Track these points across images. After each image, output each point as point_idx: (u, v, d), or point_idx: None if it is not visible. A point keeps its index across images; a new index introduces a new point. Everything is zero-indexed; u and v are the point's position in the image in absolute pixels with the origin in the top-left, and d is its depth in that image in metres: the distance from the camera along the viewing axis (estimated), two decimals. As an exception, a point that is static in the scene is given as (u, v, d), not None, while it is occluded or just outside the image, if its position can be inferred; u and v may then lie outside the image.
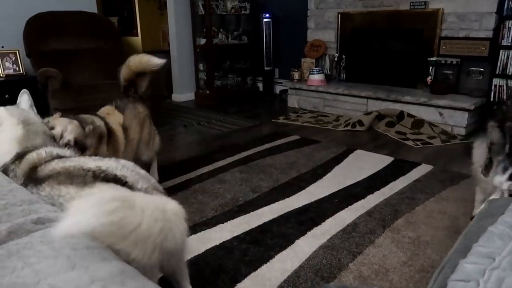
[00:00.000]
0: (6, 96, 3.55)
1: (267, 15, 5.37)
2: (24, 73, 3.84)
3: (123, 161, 1.29)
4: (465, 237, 0.80)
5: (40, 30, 3.93)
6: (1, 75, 3.73)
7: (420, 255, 1.81)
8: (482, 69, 3.75)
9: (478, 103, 3.62)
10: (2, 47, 3.77)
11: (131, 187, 1.15)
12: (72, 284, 0.77)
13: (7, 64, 3.77)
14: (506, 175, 1.24)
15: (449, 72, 3.92)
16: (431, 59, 4.00)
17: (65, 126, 1.89)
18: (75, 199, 1.10)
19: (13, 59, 3.80)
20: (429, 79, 4.01)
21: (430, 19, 3.98)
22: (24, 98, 1.78)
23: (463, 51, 3.82)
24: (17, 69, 3.81)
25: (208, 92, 5.36)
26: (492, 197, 1.32)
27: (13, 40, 3.83)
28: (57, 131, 1.85)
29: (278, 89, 5.58)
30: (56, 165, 1.24)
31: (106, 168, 1.20)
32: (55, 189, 1.15)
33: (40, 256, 0.86)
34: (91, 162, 1.24)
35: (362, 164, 2.93)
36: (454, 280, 0.65)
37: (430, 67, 4.01)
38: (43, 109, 3.74)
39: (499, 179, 1.26)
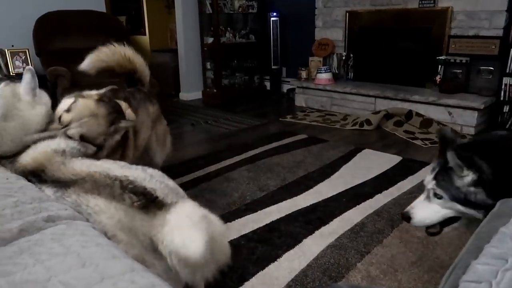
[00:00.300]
0: (16, 94, 3.58)
1: (275, 13, 5.35)
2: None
3: (150, 170, 1.22)
4: (476, 238, 0.79)
5: (50, 29, 3.96)
6: (11, 73, 3.76)
7: (429, 255, 1.79)
8: (492, 68, 3.71)
9: (488, 102, 3.58)
10: (12, 46, 3.80)
11: (161, 202, 1.10)
12: (83, 281, 0.78)
13: (17, 62, 3.80)
14: (432, 175, 1.22)
15: (458, 71, 3.88)
16: (440, 57, 3.96)
17: (80, 114, 1.54)
18: (104, 212, 1.07)
19: (23, 57, 3.83)
20: (438, 78, 3.98)
21: (439, 17, 3.95)
22: (27, 78, 1.48)
23: (473, 49, 3.78)
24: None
25: (215, 90, 5.37)
26: (420, 197, 1.30)
27: (23, 39, 3.87)
28: (65, 118, 1.52)
29: (285, 88, 5.57)
30: (79, 169, 1.19)
31: (134, 179, 1.13)
32: (82, 197, 1.11)
33: (51, 253, 0.87)
34: (117, 169, 1.17)
35: (370, 163, 2.91)
36: (466, 281, 0.64)
37: (439, 66, 3.97)
38: (52, 108, 3.77)
39: (427, 178, 1.25)
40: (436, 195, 1.23)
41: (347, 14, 4.64)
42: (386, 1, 4.31)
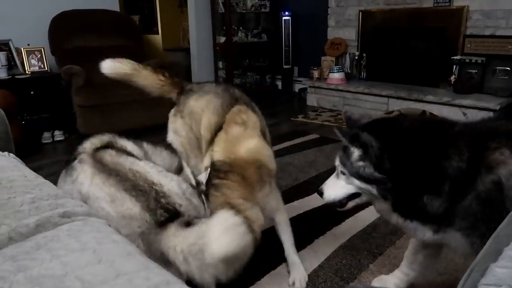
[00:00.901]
0: (32, 92, 3.64)
1: (287, 13, 5.34)
2: (49, 70, 3.93)
3: (184, 185, 1.19)
4: (495, 241, 0.78)
5: (65, 28, 4.02)
6: (27, 72, 3.82)
7: (443, 257, 1.76)
8: (508, 68, 3.64)
9: (503, 103, 3.52)
10: (28, 44, 3.86)
11: (179, 216, 1.10)
12: (99, 277, 0.78)
13: (32, 61, 3.86)
14: (338, 153, 1.35)
15: (473, 71, 3.82)
16: (455, 57, 3.90)
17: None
18: (137, 220, 1.08)
19: (39, 56, 3.89)
20: (452, 78, 3.92)
21: (454, 16, 3.89)
22: None
23: (489, 49, 3.72)
24: (42, 66, 3.90)
25: (227, 90, 5.37)
26: (332, 175, 1.38)
27: (39, 38, 3.93)
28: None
29: (297, 87, 5.56)
30: (122, 161, 1.19)
31: (168, 191, 1.12)
32: (120, 194, 1.11)
33: (67, 249, 0.88)
34: (155, 174, 1.16)
35: (382, 164, 2.88)
36: (485, 284, 0.63)
37: (454, 66, 3.92)
38: (66, 106, 3.84)
39: (336, 156, 1.36)
40: (341, 172, 1.29)
41: (360, 13, 4.60)
42: (400, 0, 4.27)
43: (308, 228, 2.03)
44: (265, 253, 1.81)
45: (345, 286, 1.60)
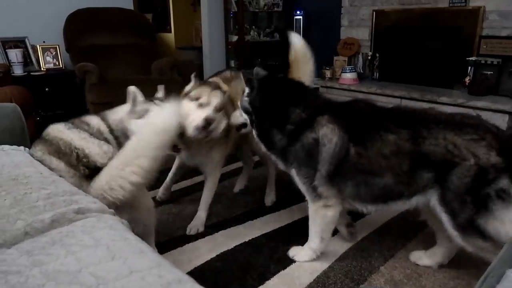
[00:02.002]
0: (46, 89, 3.69)
1: (298, 12, 5.32)
2: (63, 68, 3.98)
3: (105, 147, 1.46)
4: (511, 246, 0.76)
5: (79, 26, 4.07)
6: (42, 68, 3.88)
7: (455, 261, 1.75)
8: (525, 70, 3.58)
9: (519, 105, 3.46)
10: (44, 42, 3.92)
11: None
12: (112, 274, 0.79)
13: (47, 58, 3.92)
14: None
15: (489, 72, 3.76)
16: (470, 58, 3.84)
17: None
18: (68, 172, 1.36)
19: (54, 53, 3.94)
20: (467, 79, 3.86)
21: (470, 17, 3.83)
22: None
23: (506, 50, 3.65)
24: (57, 63, 3.95)
25: (238, 88, 5.38)
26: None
27: (54, 35, 3.99)
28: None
29: (308, 87, 5.53)
30: (57, 133, 1.49)
31: (89, 153, 1.40)
32: (46, 156, 1.42)
33: (81, 245, 0.89)
34: (76, 141, 1.43)
35: (394, 165, 2.86)
36: (500, 290, 0.62)
37: (469, 67, 3.85)
38: (80, 103, 3.88)
39: None
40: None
41: (374, 13, 4.56)
42: (415, 0, 4.21)
43: (319, 229, 2.02)
44: (275, 253, 1.82)
45: (351, 286, 1.59)
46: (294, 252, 1.80)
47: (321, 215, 1.65)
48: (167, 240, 1.94)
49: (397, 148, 1.42)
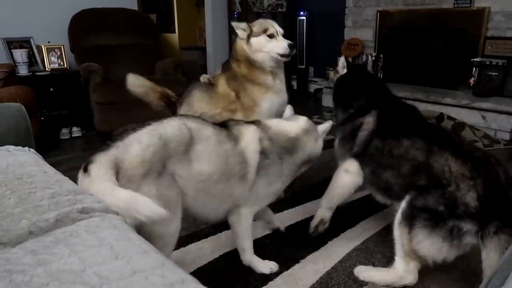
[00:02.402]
0: (51, 89, 3.71)
1: (301, 13, 5.32)
2: (68, 68, 4.00)
3: None
4: (516, 249, 0.76)
5: (84, 27, 4.08)
6: (47, 68, 3.90)
7: (459, 263, 1.73)
8: (530, 71, 3.56)
9: (525, 106, 3.44)
10: (49, 42, 3.94)
11: None
12: (116, 274, 0.80)
13: (52, 58, 3.94)
14: None
15: (494, 73, 3.75)
16: (475, 59, 3.83)
17: None
18: None
19: (58, 53, 3.96)
20: (471, 80, 3.86)
21: (475, 18, 3.82)
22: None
23: (511, 52, 3.64)
24: (62, 63, 3.97)
25: (242, 89, 5.38)
26: None
27: (59, 35, 4.01)
28: None
29: (312, 87, 5.53)
30: None
31: None
32: None
33: (85, 245, 0.90)
34: None
35: (398, 166, 2.85)
36: (505, 292, 0.62)
37: (473, 68, 3.85)
38: (85, 103, 3.90)
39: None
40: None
41: (378, 13, 4.56)
42: (419, 1, 4.21)
43: (322, 230, 2.02)
44: (278, 254, 1.82)
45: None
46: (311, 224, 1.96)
47: (341, 176, 1.87)
48: (170, 240, 1.94)
49: (405, 152, 1.60)
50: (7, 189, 1.13)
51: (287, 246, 1.87)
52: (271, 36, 2.09)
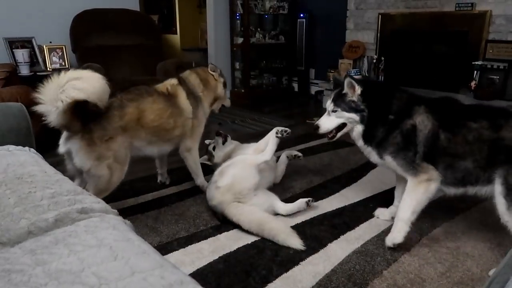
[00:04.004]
0: (52, 89, 3.71)
1: (302, 15, 5.33)
2: (70, 68, 4.00)
3: None
4: (516, 252, 0.76)
5: (86, 27, 4.09)
6: (48, 68, 3.91)
7: (459, 266, 1.74)
8: (532, 75, 3.56)
9: (526, 110, 3.44)
10: (50, 42, 3.94)
11: None
12: (115, 274, 0.79)
13: (54, 58, 3.94)
14: (330, 100, 2.02)
15: (495, 77, 3.74)
16: (476, 63, 3.83)
17: None
18: None
19: (60, 54, 3.97)
20: (473, 83, 3.85)
21: (476, 21, 3.82)
22: None
23: (512, 55, 3.64)
24: (63, 63, 3.98)
25: (243, 90, 5.39)
26: (323, 116, 2.03)
27: (61, 36, 4.02)
28: None
29: (313, 89, 5.53)
30: None
31: None
32: None
33: (84, 245, 0.90)
34: None
35: (398, 169, 2.84)
36: (505, 296, 0.62)
37: (475, 72, 3.84)
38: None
39: (328, 103, 2.01)
40: (333, 110, 1.93)
41: (380, 16, 4.56)
42: (421, 4, 4.21)
43: (322, 232, 2.01)
44: (277, 255, 1.81)
45: None
46: (389, 238, 1.86)
47: (424, 187, 1.78)
48: (170, 241, 1.94)
49: (479, 134, 1.66)
50: (7, 189, 1.13)
51: (287, 248, 1.87)
52: None
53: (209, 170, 2.56)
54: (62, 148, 1.93)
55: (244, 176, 2.13)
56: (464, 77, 3.94)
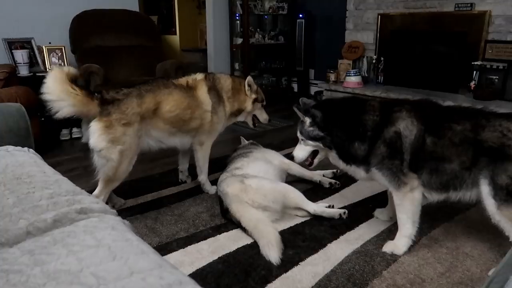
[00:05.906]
0: (52, 90, 3.70)
1: (301, 15, 5.33)
2: (69, 68, 4.00)
3: None
4: (515, 252, 0.76)
5: (85, 28, 4.09)
6: (47, 69, 3.90)
7: (459, 266, 1.73)
8: (531, 75, 3.56)
9: (525, 110, 3.44)
10: (50, 43, 3.94)
11: None
12: (113, 274, 0.79)
13: (53, 59, 3.94)
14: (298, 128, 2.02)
15: (494, 77, 3.74)
16: (476, 63, 3.83)
17: None
18: None
19: (59, 54, 3.96)
20: (472, 84, 3.85)
21: (476, 21, 3.82)
22: None
23: (511, 55, 3.64)
24: (63, 64, 3.97)
25: (242, 91, 5.39)
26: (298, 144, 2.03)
27: (60, 36, 4.01)
28: None
29: (313, 90, 5.53)
30: None
31: None
32: None
33: (83, 245, 0.89)
34: None
35: (398, 169, 2.84)
36: (504, 296, 0.62)
37: (474, 72, 3.84)
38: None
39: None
40: (301, 139, 1.94)
41: (379, 16, 4.56)
42: (420, 4, 4.21)
43: (321, 232, 2.01)
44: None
45: None
46: (390, 247, 1.84)
47: (410, 198, 1.75)
48: (169, 241, 1.94)
49: (464, 135, 1.64)
50: (5, 189, 1.13)
51: (286, 249, 1.86)
52: None
53: (214, 169, 2.56)
54: (85, 138, 2.05)
55: (270, 197, 2.06)
56: (463, 78, 3.94)
